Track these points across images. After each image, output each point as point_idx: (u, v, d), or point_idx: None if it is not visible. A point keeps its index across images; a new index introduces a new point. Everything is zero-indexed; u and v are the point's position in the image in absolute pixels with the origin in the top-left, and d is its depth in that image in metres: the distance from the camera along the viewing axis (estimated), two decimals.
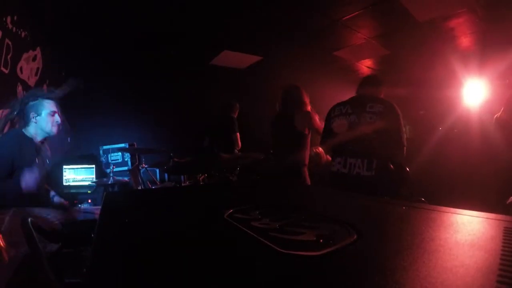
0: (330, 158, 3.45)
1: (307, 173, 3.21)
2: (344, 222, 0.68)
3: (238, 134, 4.37)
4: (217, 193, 1.39)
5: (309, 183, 3.22)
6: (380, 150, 2.27)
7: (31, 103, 2.07)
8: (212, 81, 6.00)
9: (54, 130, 2.13)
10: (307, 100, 3.27)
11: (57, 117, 2.14)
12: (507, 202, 2.31)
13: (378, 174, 2.22)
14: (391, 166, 2.30)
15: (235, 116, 4.55)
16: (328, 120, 2.63)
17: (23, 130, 2.04)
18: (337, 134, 2.50)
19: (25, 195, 1.85)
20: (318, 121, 3.17)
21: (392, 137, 2.28)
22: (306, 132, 3.19)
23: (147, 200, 1.19)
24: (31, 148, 2.02)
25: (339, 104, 2.59)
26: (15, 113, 2.05)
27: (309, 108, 3.25)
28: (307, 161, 3.24)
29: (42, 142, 2.14)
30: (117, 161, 4.52)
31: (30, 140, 2.02)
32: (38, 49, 3.40)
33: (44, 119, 2.08)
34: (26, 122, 2.04)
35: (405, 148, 2.32)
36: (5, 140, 1.96)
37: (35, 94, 2.13)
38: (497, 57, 4.61)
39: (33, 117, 2.05)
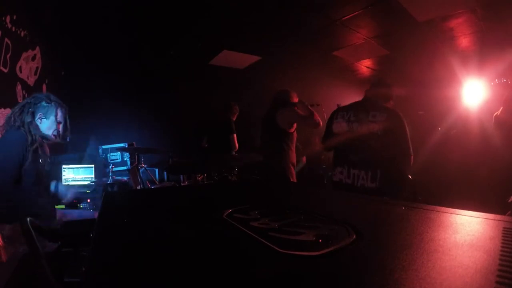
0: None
1: (293, 173, 3.18)
2: (343, 222, 0.68)
3: (235, 135, 4.35)
4: (216, 193, 1.38)
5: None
6: (383, 161, 2.22)
7: (44, 103, 2.05)
8: (211, 81, 6.00)
9: (53, 137, 2.11)
10: (295, 100, 3.24)
11: (60, 128, 2.13)
12: (509, 201, 2.31)
13: (382, 185, 2.19)
14: (395, 176, 2.25)
15: (234, 118, 4.54)
16: (330, 124, 2.57)
17: (23, 129, 2.00)
18: (339, 141, 2.45)
19: (30, 204, 1.84)
20: (304, 113, 3.11)
21: (397, 146, 2.22)
22: (291, 130, 3.15)
23: (146, 199, 1.19)
24: (34, 149, 2.00)
25: (342, 109, 2.53)
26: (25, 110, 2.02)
27: (296, 100, 3.21)
28: (294, 161, 3.19)
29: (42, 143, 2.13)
30: (116, 160, 4.52)
31: (32, 141, 1.99)
32: (37, 48, 3.40)
33: (48, 124, 2.06)
34: (30, 120, 2.01)
35: (411, 157, 2.26)
36: (11, 140, 1.92)
37: (48, 97, 2.10)
38: (496, 57, 4.62)
39: (39, 118, 2.03)
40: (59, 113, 2.10)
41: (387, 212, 0.88)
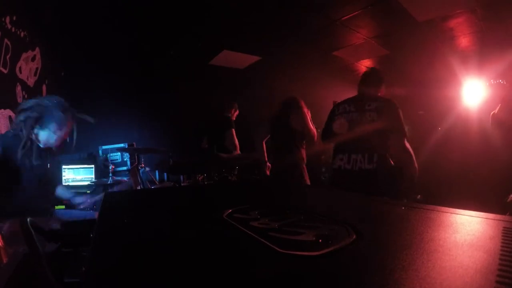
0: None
1: (305, 172, 3.24)
2: (343, 222, 0.68)
3: (233, 130, 4.25)
4: (216, 193, 1.38)
5: (308, 182, 3.26)
6: (380, 145, 2.37)
7: (49, 105, 2.02)
8: (211, 81, 6.00)
9: (48, 144, 2.08)
10: (304, 106, 3.34)
11: (60, 133, 2.08)
12: (508, 200, 2.32)
13: (378, 166, 2.32)
14: (391, 161, 2.39)
15: (233, 117, 4.51)
16: (333, 117, 2.71)
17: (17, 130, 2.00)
18: (341, 131, 2.59)
19: (27, 206, 1.84)
20: (310, 123, 3.24)
21: (391, 127, 2.38)
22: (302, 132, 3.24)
23: (146, 200, 1.19)
24: (34, 151, 1.99)
25: (343, 102, 2.69)
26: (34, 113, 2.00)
27: (305, 110, 3.30)
28: (305, 160, 3.28)
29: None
30: (116, 161, 4.52)
31: (32, 142, 1.99)
32: (37, 49, 3.39)
33: (46, 132, 2.02)
34: (30, 125, 2.01)
35: (405, 137, 2.39)
36: (7, 144, 1.90)
37: (61, 103, 2.08)
38: (496, 57, 4.62)
39: (39, 125, 2.01)
40: (60, 119, 2.06)
41: (387, 212, 0.88)
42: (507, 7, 3.57)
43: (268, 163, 3.62)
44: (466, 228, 0.64)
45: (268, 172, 3.58)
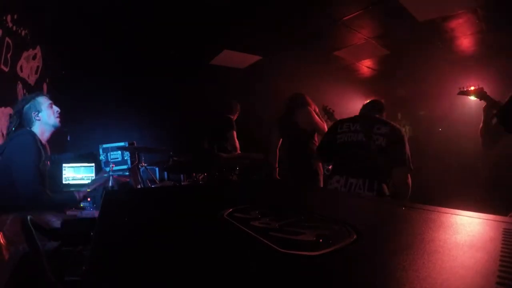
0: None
1: (320, 171, 3.19)
2: (343, 222, 0.68)
3: (234, 132, 4.27)
4: (217, 192, 1.39)
5: (321, 183, 3.19)
6: (382, 172, 2.28)
7: (26, 105, 2.09)
8: (211, 81, 6.00)
9: (58, 120, 2.18)
10: (310, 102, 3.30)
11: (55, 107, 2.19)
12: (509, 215, 2.28)
13: (378, 194, 2.22)
14: (392, 188, 2.31)
15: (234, 117, 4.51)
16: (334, 134, 2.58)
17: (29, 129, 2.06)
18: (343, 151, 2.48)
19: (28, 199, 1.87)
20: (319, 118, 3.19)
21: (397, 158, 2.28)
22: (311, 129, 3.21)
23: (147, 199, 1.19)
24: (43, 148, 2.05)
25: (347, 120, 2.57)
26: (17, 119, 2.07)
27: (312, 108, 3.27)
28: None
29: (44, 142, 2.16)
30: (116, 159, 4.52)
31: (40, 140, 2.05)
32: (38, 47, 3.40)
33: (46, 113, 2.11)
34: (29, 124, 2.06)
35: (409, 169, 2.30)
36: (28, 142, 1.95)
37: (26, 98, 2.17)
38: (497, 58, 4.62)
39: (35, 115, 2.07)
40: (44, 99, 2.16)
41: (388, 212, 0.88)
42: (508, 7, 3.57)
43: (277, 168, 3.58)
44: (466, 229, 0.64)
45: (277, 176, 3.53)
